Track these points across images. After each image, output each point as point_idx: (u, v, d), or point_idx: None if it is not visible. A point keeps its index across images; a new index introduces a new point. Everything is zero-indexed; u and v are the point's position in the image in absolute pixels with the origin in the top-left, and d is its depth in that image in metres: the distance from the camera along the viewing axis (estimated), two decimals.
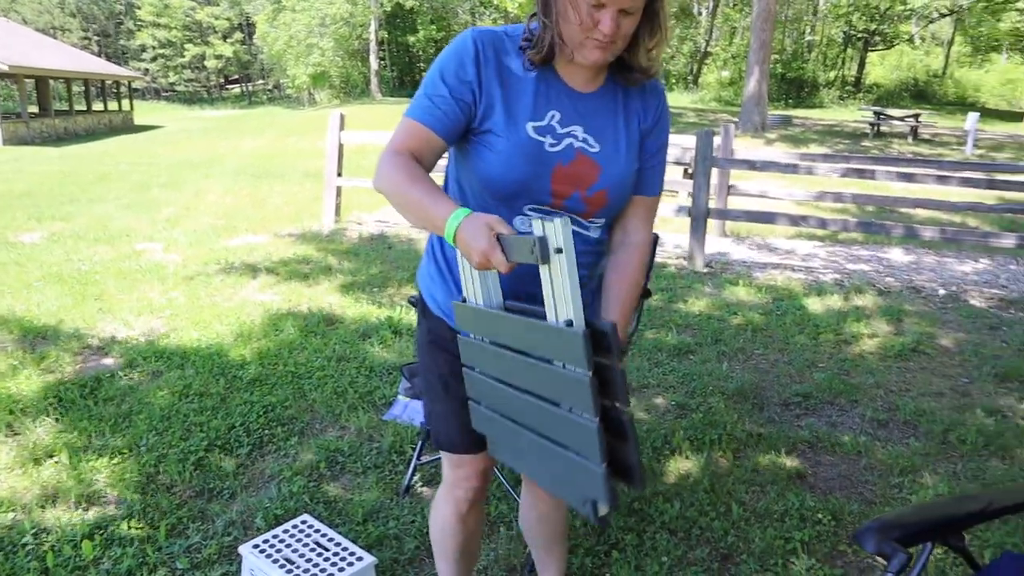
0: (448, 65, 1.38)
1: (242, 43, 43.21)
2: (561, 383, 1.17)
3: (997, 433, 3.18)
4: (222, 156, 14.83)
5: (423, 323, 1.63)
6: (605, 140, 1.43)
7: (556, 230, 1.10)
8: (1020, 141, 18.21)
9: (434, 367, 1.61)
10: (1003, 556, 1.42)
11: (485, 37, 1.38)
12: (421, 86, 1.41)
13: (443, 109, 1.36)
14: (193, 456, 2.81)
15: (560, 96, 1.40)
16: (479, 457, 1.65)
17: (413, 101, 1.40)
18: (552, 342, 1.17)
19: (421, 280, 1.63)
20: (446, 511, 1.73)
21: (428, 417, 1.67)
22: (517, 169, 1.38)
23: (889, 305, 4.99)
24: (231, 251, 6.19)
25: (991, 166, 8.85)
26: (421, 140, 1.37)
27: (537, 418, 1.27)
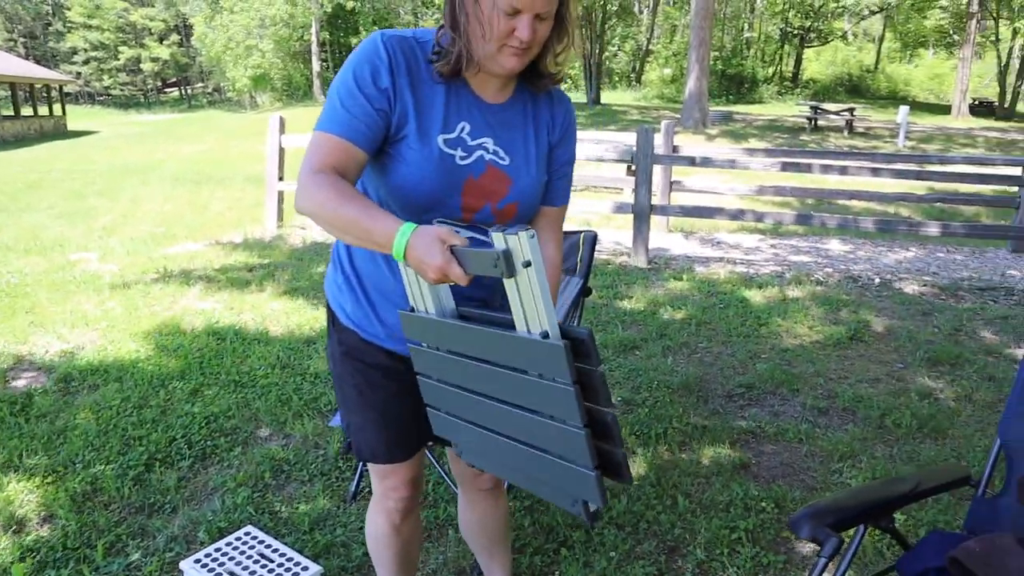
0: (362, 72, 1.31)
1: (179, 45, 42.14)
2: (541, 393, 1.15)
3: (930, 416, 3.30)
4: (161, 162, 14.45)
5: (333, 334, 1.57)
6: (515, 152, 1.42)
7: (522, 243, 1.06)
8: (948, 133, 18.93)
9: (348, 377, 1.56)
10: (931, 534, 1.47)
11: (395, 42, 1.33)
12: (332, 95, 1.33)
13: (362, 120, 1.30)
14: (132, 471, 2.73)
15: (470, 107, 1.38)
16: (405, 466, 1.62)
17: (325, 112, 1.32)
18: (528, 354, 1.14)
19: (329, 290, 1.59)
20: (379, 522, 1.71)
21: (347, 429, 1.63)
22: (428, 182, 1.35)
23: (827, 295, 5.13)
24: (170, 259, 6.04)
25: (922, 158, 9.18)
26: (343, 155, 1.29)
27: (514, 425, 1.25)
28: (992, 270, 6.10)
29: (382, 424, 1.56)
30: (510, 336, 1.16)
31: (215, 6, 32.43)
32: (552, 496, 1.24)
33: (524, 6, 1.23)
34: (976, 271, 6.04)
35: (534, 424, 1.19)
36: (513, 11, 1.24)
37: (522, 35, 1.25)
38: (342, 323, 1.55)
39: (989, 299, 5.22)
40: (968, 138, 18.22)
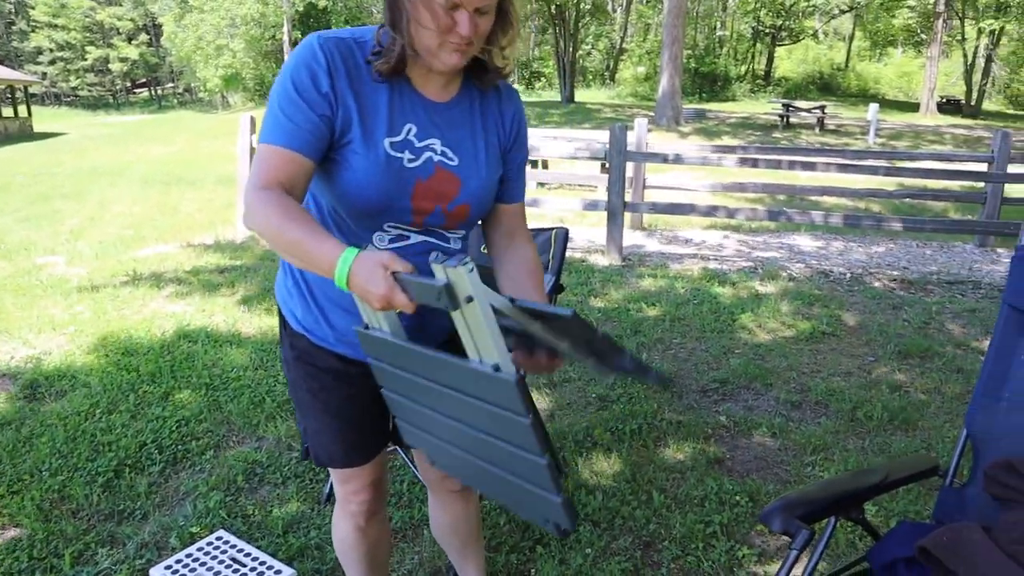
0: (301, 78, 1.26)
1: (148, 45, 41.54)
2: (499, 422, 1.12)
3: (900, 408, 3.34)
4: (130, 163, 14.24)
5: (285, 339, 1.54)
6: (464, 152, 1.39)
7: (461, 277, 1.02)
8: (917, 130, 19.22)
9: (301, 382, 1.53)
10: (900, 524, 1.48)
11: (332, 44, 1.28)
12: (272, 105, 1.28)
13: (306, 128, 1.26)
14: (101, 478, 2.68)
15: (415, 107, 1.34)
16: (366, 469, 1.59)
17: (267, 123, 1.27)
18: (481, 385, 1.11)
19: (279, 295, 1.55)
20: (344, 526, 1.69)
21: (304, 434, 1.60)
22: (376, 187, 1.31)
23: (800, 290, 5.18)
24: (140, 262, 5.95)
25: (891, 154, 9.31)
26: (289, 166, 1.25)
27: (478, 448, 1.22)
28: (960, 264, 6.20)
29: (336, 428, 1.53)
30: (462, 365, 1.12)
31: (184, 5, 32.01)
32: (523, 512, 1.23)
33: (462, 1, 1.20)
34: (944, 265, 6.13)
35: (496, 449, 1.17)
36: (452, 5, 1.21)
37: (462, 30, 1.22)
38: (293, 328, 1.51)
39: (957, 292, 5.30)
40: (936, 135, 18.52)
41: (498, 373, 1.07)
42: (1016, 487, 1.44)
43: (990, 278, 5.70)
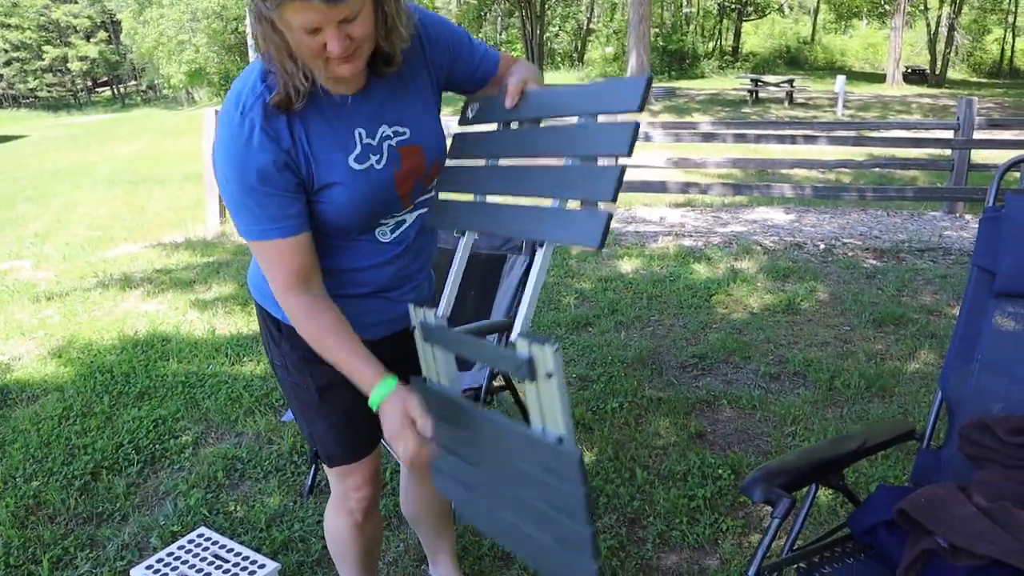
0: (250, 160, 1.20)
1: (108, 43, 40.67)
2: (550, 489, 1.15)
3: (877, 375, 3.38)
4: (95, 164, 13.99)
5: (281, 342, 1.48)
6: (410, 118, 1.34)
7: (546, 355, 1.07)
8: (884, 100, 19.41)
9: (309, 383, 1.48)
10: (879, 489, 1.50)
11: (253, 109, 1.20)
12: (239, 201, 1.23)
13: (289, 210, 1.24)
14: (78, 481, 2.64)
15: (348, 111, 1.28)
16: (366, 462, 1.58)
17: (249, 217, 1.23)
18: (540, 453, 1.14)
19: (270, 300, 1.44)
20: (340, 525, 1.67)
21: (310, 438, 1.57)
22: (364, 204, 1.31)
23: (774, 263, 5.22)
24: (109, 263, 5.85)
25: (860, 125, 9.40)
26: (299, 254, 1.26)
27: (518, 508, 1.24)
28: (930, 231, 6.28)
29: (346, 425, 1.51)
30: (523, 432, 1.17)
31: (143, 1, 31.39)
32: (550, 572, 1.22)
33: (320, 22, 1.11)
34: (915, 233, 6.21)
35: (538, 512, 1.19)
36: (312, 30, 1.12)
37: (333, 49, 1.14)
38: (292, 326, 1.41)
39: (928, 259, 5.37)
40: (903, 105, 18.71)
41: (561, 446, 1.10)
42: (989, 445, 1.46)
43: (959, 244, 5.78)
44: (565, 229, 1.11)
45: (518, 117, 1.28)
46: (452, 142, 1.40)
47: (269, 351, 1.54)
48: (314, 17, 1.10)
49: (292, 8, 1.09)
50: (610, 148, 1.07)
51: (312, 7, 1.09)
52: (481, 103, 1.37)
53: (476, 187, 1.29)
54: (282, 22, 1.12)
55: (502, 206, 1.23)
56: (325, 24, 1.12)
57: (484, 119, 1.36)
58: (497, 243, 2.49)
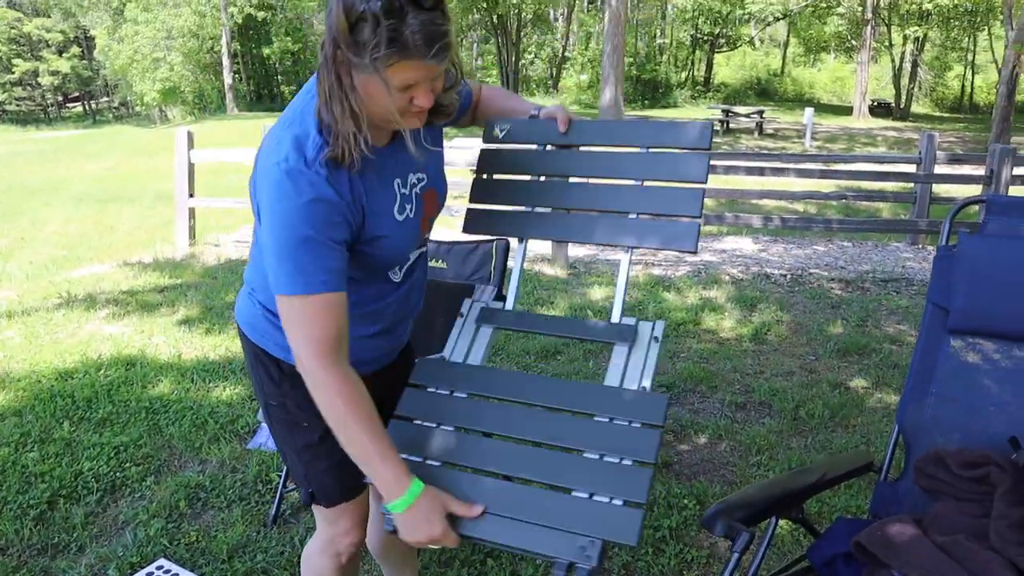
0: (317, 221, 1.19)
1: (80, 58, 40.32)
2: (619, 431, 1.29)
3: (840, 405, 3.43)
4: (64, 180, 13.78)
5: (282, 382, 1.45)
6: (426, 164, 1.40)
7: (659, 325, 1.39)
8: (850, 132, 19.86)
9: (311, 422, 1.42)
10: (837, 521, 1.52)
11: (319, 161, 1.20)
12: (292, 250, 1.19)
13: (342, 261, 1.23)
14: (33, 511, 2.57)
15: (390, 163, 1.31)
16: (357, 504, 1.55)
17: (297, 271, 1.19)
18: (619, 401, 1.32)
19: (265, 339, 1.45)
20: (325, 564, 1.62)
21: (304, 478, 1.51)
22: (401, 249, 1.37)
23: (742, 293, 5.29)
24: (75, 283, 5.75)
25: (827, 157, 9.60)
26: (338, 311, 1.23)
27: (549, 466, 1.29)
28: (894, 262, 6.42)
29: (344, 459, 1.46)
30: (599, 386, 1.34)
31: (117, 18, 31.19)
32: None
33: (421, 79, 1.15)
34: (879, 264, 6.34)
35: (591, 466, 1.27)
36: (407, 87, 1.16)
37: (422, 104, 1.18)
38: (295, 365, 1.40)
39: (892, 290, 5.48)
40: (869, 137, 19.16)
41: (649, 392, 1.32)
42: (943, 479, 1.49)
43: (922, 275, 5.91)
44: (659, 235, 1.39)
45: (561, 142, 1.46)
46: (483, 156, 1.52)
47: (263, 391, 1.49)
48: (417, 75, 1.13)
49: (402, 67, 1.11)
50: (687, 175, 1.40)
51: (421, 66, 1.12)
52: (511, 125, 1.51)
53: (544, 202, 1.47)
54: (373, 80, 1.13)
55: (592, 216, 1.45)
56: (423, 81, 1.15)
57: (515, 140, 1.49)
58: (466, 273, 2.50)
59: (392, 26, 1.07)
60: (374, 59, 1.09)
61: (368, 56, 1.09)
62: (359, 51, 1.10)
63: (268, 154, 1.22)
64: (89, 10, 34.62)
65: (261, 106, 33.15)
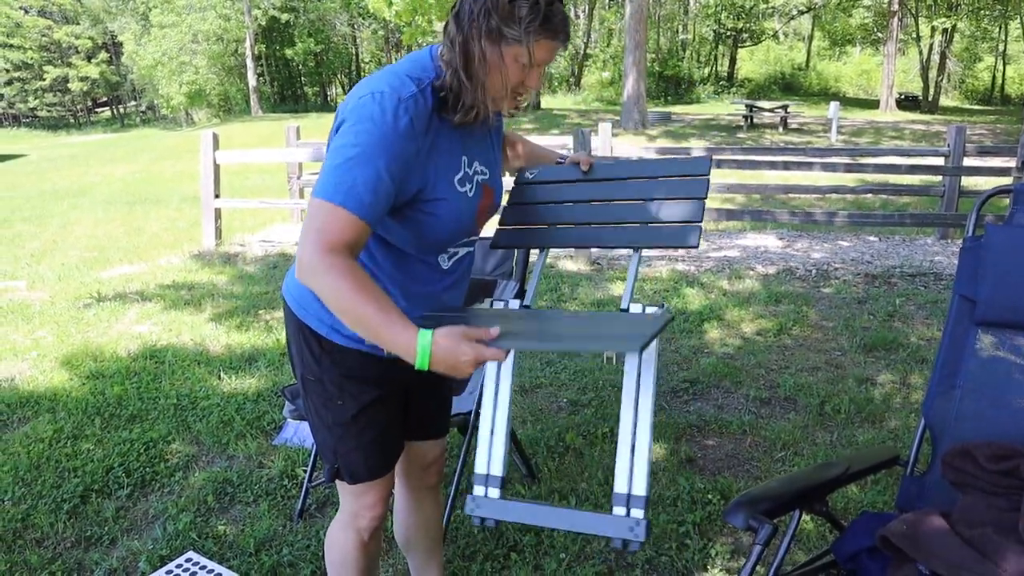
0: (392, 150, 1.26)
1: (108, 63, 40.92)
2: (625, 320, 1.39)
3: (867, 400, 3.39)
4: (93, 184, 14.02)
5: (323, 358, 1.49)
6: (490, 162, 1.49)
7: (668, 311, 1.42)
8: (877, 126, 19.58)
9: (347, 401, 1.50)
10: (861, 515, 1.51)
11: (411, 104, 1.29)
12: (346, 167, 1.24)
13: (384, 202, 1.28)
14: (67, 504, 2.63)
15: (463, 139, 1.41)
16: (383, 481, 1.60)
17: (342, 181, 1.24)
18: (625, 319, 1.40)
19: (309, 316, 1.49)
20: (346, 542, 1.66)
21: (333, 453, 1.56)
22: (455, 225, 1.41)
23: (767, 288, 5.25)
24: (105, 284, 5.86)
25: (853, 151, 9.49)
26: (358, 233, 1.25)
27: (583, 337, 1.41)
28: (922, 257, 6.33)
29: (376, 444, 1.53)
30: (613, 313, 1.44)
31: (146, 22, 31.64)
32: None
33: (545, 61, 1.31)
34: (906, 259, 6.25)
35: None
36: (530, 66, 1.30)
37: (533, 85, 1.33)
38: (338, 343, 1.47)
39: (920, 285, 5.40)
40: (896, 131, 18.87)
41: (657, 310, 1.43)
42: (971, 472, 1.47)
43: (950, 270, 5.82)
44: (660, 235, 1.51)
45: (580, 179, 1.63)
46: (514, 191, 1.67)
47: (303, 364, 1.53)
48: (549, 55, 1.30)
49: (542, 45, 1.28)
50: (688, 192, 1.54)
51: (554, 47, 1.29)
52: (540, 169, 1.68)
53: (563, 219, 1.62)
54: (512, 52, 1.27)
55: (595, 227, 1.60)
56: (546, 62, 1.31)
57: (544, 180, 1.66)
58: (487, 269, 2.51)
59: (547, 8, 1.26)
60: (527, 31, 1.25)
61: (522, 29, 1.25)
62: (512, 24, 1.25)
63: (363, 86, 1.31)
64: (117, 16, 35.16)
65: (285, 107, 33.48)
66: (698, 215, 1.52)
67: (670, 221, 1.52)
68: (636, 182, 1.59)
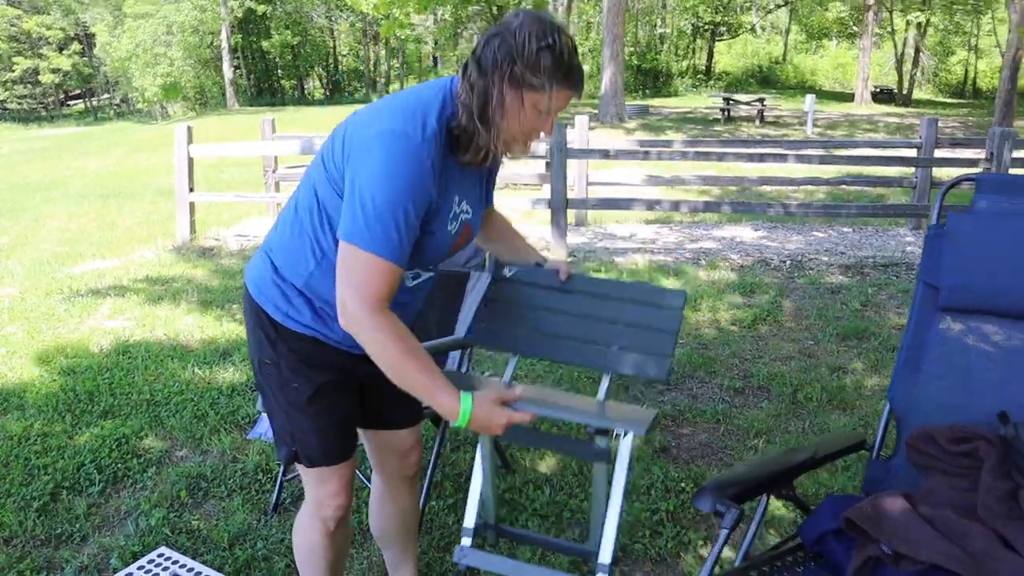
0: (418, 195, 1.33)
1: (81, 55, 40.24)
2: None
3: (839, 388, 3.44)
4: (65, 178, 13.80)
5: (279, 343, 1.53)
6: (473, 201, 1.53)
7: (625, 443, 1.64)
8: (852, 119, 19.78)
9: (301, 384, 1.53)
10: (827, 498, 1.53)
11: (432, 145, 1.34)
12: (385, 216, 1.31)
13: (412, 239, 1.36)
14: (37, 502, 2.59)
15: (460, 177, 1.45)
16: (345, 468, 1.62)
17: (377, 229, 1.31)
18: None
19: (269, 302, 1.54)
20: (312, 531, 1.68)
21: (290, 437, 1.58)
22: (431, 255, 1.49)
23: (741, 279, 5.29)
24: (76, 279, 5.77)
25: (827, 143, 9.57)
26: (396, 279, 1.36)
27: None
28: (895, 247, 6.41)
29: (332, 428, 1.57)
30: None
31: (118, 14, 31.13)
32: None
33: (560, 108, 1.36)
34: (879, 249, 6.33)
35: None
36: (546, 112, 1.36)
37: (546, 129, 1.39)
38: (295, 330, 1.52)
39: (892, 275, 5.47)
40: (871, 123, 19.07)
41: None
42: (933, 455, 1.50)
43: None
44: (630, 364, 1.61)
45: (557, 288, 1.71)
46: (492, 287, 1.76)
47: (259, 348, 1.56)
48: (563, 104, 1.36)
49: (560, 95, 1.34)
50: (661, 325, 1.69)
51: (568, 97, 1.36)
52: (518, 269, 1.77)
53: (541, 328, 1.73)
54: (533, 98, 1.33)
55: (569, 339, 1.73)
56: (559, 110, 1.37)
57: (521, 280, 1.75)
58: (460, 261, 2.51)
59: (569, 60, 1.33)
60: (551, 81, 1.31)
61: (545, 77, 1.31)
62: (536, 71, 1.30)
63: (384, 118, 1.35)
64: (89, 6, 34.56)
65: (262, 100, 33.14)
66: (668, 348, 1.59)
67: (641, 350, 1.58)
68: (612, 303, 1.67)
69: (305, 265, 1.48)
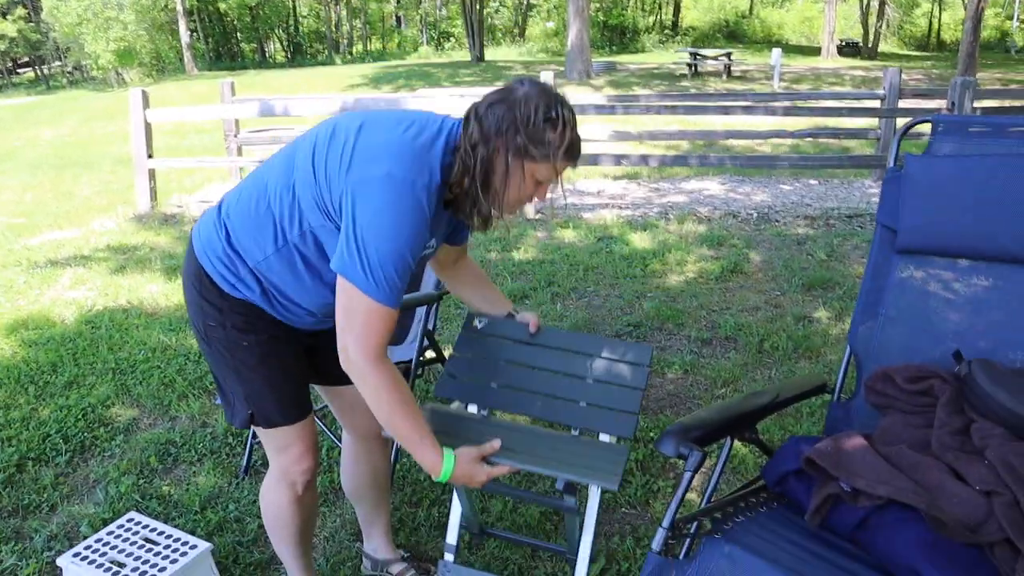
0: (416, 243, 1.35)
1: (27, 20, 38.77)
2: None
3: (805, 337, 3.49)
4: (17, 148, 13.39)
5: (223, 308, 1.51)
6: (440, 237, 1.55)
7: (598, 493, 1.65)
8: (818, 73, 19.81)
9: (250, 346, 1.53)
10: (789, 440, 1.56)
11: (433, 194, 1.36)
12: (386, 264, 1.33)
13: (406, 283, 1.39)
14: (1, 475, 2.56)
15: (437, 218, 1.45)
16: (306, 431, 1.62)
17: (379, 275, 1.33)
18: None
19: (217, 271, 1.51)
20: (280, 497, 1.68)
21: (245, 400, 1.57)
22: None
23: (709, 232, 5.32)
24: (34, 250, 5.63)
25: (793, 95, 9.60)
26: (394, 322, 1.39)
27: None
28: (859, 198, 6.48)
29: (283, 384, 1.57)
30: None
31: None
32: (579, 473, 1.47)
33: (548, 180, 1.40)
34: (844, 200, 6.39)
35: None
36: (542, 182, 1.39)
37: (541, 198, 1.43)
38: (244, 299, 1.51)
39: (857, 226, 5.54)
40: (836, 77, 19.13)
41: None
42: (891, 394, 1.53)
43: None
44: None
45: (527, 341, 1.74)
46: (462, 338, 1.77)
47: (203, 313, 1.53)
48: (559, 175, 1.40)
49: (560, 166, 1.37)
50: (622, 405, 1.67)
51: (566, 167, 1.38)
52: (488, 320, 1.79)
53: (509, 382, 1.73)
54: (533, 169, 1.36)
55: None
56: (555, 179, 1.41)
57: (492, 333, 1.78)
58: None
59: (571, 134, 1.36)
60: (554, 153, 1.34)
61: (549, 149, 1.33)
62: (539, 144, 1.33)
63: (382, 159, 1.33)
64: None
65: (221, 65, 32.29)
66: (635, 405, 1.63)
67: (608, 406, 1.63)
68: (580, 357, 1.70)
69: (263, 248, 1.46)
